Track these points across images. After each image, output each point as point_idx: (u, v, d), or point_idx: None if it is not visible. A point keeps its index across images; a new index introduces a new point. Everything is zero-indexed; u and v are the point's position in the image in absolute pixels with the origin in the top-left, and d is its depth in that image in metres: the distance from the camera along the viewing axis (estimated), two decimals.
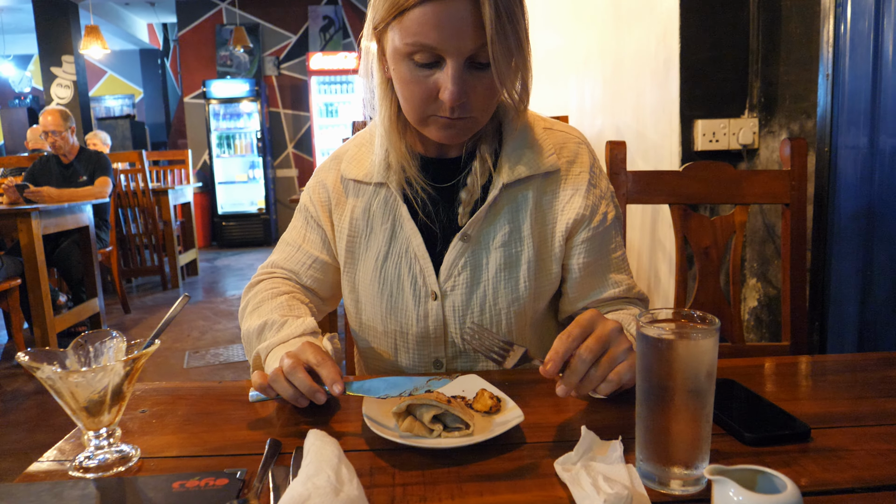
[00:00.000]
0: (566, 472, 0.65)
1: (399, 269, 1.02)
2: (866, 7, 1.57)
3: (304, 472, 0.61)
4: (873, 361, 1.00)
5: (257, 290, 1.08)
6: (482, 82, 0.89)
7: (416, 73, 0.88)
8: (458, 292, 1.00)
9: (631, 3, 2.31)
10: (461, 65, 0.86)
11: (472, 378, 0.89)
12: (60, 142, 4.20)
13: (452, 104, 0.88)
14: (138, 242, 5.54)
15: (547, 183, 1.03)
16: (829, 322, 1.78)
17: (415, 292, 1.02)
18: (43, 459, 0.74)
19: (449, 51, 0.85)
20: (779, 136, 1.90)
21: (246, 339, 1.03)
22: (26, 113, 10.00)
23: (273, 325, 0.99)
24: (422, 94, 0.90)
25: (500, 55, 0.85)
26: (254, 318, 1.02)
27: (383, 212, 1.04)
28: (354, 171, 1.05)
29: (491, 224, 1.01)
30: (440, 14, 0.83)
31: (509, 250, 1.00)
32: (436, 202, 1.03)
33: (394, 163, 1.00)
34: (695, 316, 0.67)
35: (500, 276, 1.00)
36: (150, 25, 10.87)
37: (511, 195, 1.01)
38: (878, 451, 0.70)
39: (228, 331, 4.26)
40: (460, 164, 1.03)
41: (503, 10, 0.84)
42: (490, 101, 0.93)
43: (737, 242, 1.41)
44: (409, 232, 1.02)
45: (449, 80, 0.86)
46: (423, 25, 0.84)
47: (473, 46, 0.85)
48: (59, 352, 0.74)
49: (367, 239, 1.05)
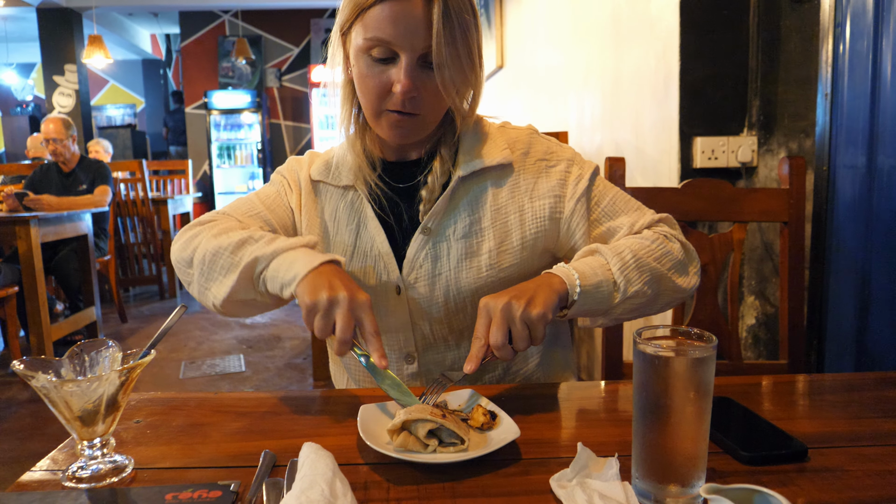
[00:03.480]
0: (562, 489, 0.64)
1: (364, 266, 1.05)
2: (865, 28, 1.59)
3: (299, 485, 0.61)
4: (871, 381, 1.00)
5: (216, 223, 1.01)
6: (433, 81, 0.95)
7: (372, 67, 0.95)
8: (420, 284, 1.03)
9: (631, 21, 2.33)
10: (413, 60, 0.93)
11: (468, 393, 0.89)
12: (61, 149, 4.20)
13: (403, 97, 0.93)
14: (136, 252, 5.54)
15: (504, 175, 1.05)
16: (826, 341, 1.77)
17: (379, 288, 1.05)
18: (36, 469, 0.74)
19: (403, 46, 0.92)
20: (777, 154, 1.91)
21: (210, 256, 0.94)
22: (28, 121, 10.04)
23: (262, 237, 0.93)
24: (376, 88, 0.95)
25: (446, 56, 0.92)
26: (222, 238, 0.95)
27: (349, 213, 1.07)
28: (323, 174, 1.09)
29: (450, 216, 1.04)
30: (397, 12, 0.91)
31: (469, 241, 1.03)
32: (397, 202, 1.06)
33: (353, 165, 1.05)
34: (692, 333, 0.67)
35: (462, 265, 1.02)
36: (153, 36, 10.94)
37: (467, 187, 1.04)
38: (876, 472, 0.70)
39: (225, 342, 4.25)
40: (419, 166, 1.07)
41: (453, 17, 0.91)
42: (440, 101, 0.98)
43: (735, 260, 1.41)
44: (372, 231, 1.05)
45: (401, 73, 0.93)
46: (381, 21, 0.91)
47: (425, 45, 0.92)
48: (54, 360, 0.74)
49: (333, 239, 1.08)
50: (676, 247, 1.00)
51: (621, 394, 0.99)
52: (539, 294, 0.86)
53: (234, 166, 8.68)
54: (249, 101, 8.50)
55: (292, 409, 0.90)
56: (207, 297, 0.96)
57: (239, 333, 4.41)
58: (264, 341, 4.23)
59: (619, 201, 1.07)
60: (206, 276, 0.95)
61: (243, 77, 8.89)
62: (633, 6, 2.29)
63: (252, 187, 8.62)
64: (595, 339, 2.93)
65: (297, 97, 8.98)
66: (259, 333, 4.41)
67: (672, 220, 1.07)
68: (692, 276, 1.01)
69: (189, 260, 0.98)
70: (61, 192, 4.24)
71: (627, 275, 0.92)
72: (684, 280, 0.99)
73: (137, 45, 10.15)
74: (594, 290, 0.90)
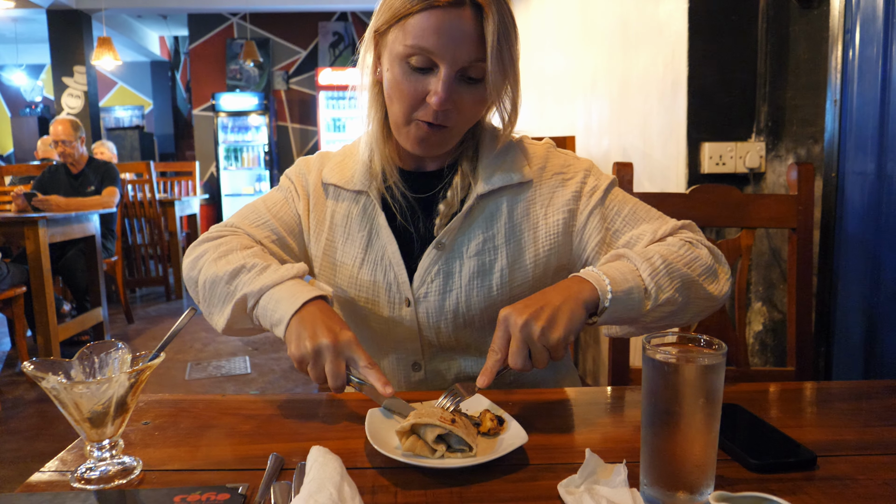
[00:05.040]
0: (570, 496, 0.64)
1: (374, 275, 1.04)
2: (875, 33, 1.58)
3: (307, 488, 0.61)
4: (880, 389, 0.99)
5: (221, 242, 1.02)
6: (469, 96, 0.94)
7: (409, 75, 0.93)
8: (431, 299, 1.02)
9: (639, 26, 2.33)
10: (453, 73, 0.91)
11: (476, 398, 0.88)
12: (70, 151, 4.22)
13: (438, 108, 0.92)
14: (143, 253, 5.56)
15: (521, 192, 1.04)
16: (834, 348, 1.77)
17: (389, 298, 1.04)
18: (45, 470, 0.74)
19: (445, 58, 0.90)
20: (786, 160, 1.90)
21: (210, 284, 0.96)
22: (37, 122, 10.09)
23: (254, 267, 0.94)
24: (411, 95, 0.93)
25: (496, 71, 0.91)
26: (220, 264, 0.96)
27: (361, 219, 1.06)
28: (336, 177, 1.08)
29: (465, 233, 1.03)
30: (442, 22, 0.88)
31: (482, 259, 1.02)
32: (413, 212, 1.05)
33: (376, 167, 1.04)
34: (701, 340, 0.67)
35: (473, 283, 1.01)
36: (162, 38, 10.98)
37: (484, 205, 1.03)
38: (885, 481, 0.69)
39: (231, 343, 4.26)
40: (437, 177, 1.05)
41: (501, 31, 0.90)
42: (472, 116, 0.98)
43: (742, 266, 1.41)
44: (385, 239, 1.04)
45: (439, 85, 0.91)
46: (425, 30, 0.89)
47: (468, 59, 0.90)
48: (64, 362, 0.74)
49: (343, 245, 1.07)
50: (704, 252, 0.97)
51: (629, 400, 0.98)
52: (563, 312, 0.83)
53: (240, 168, 8.70)
54: (257, 104, 8.53)
55: (300, 412, 0.91)
56: (212, 322, 0.99)
57: None
58: (270, 343, 4.24)
59: (639, 210, 1.04)
60: (208, 302, 0.98)
61: (251, 79, 8.92)
62: (642, 11, 2.29)
63: (259, 189, 8.64)
64: (601, 344, 2.93)
65: (305, 100, 9.00)
66: (265, 335, 4.42)
67: (695, 227, 1.04)
68: (724, 282, 0.97)
69: (195, 281, 1.00)
70: (70, 193, 4.26)
71: (658, 280, 0.89)
72: (716, 286, 0.95)
73: (146, 46, 10.20)
74: (625, 296, 0.87)
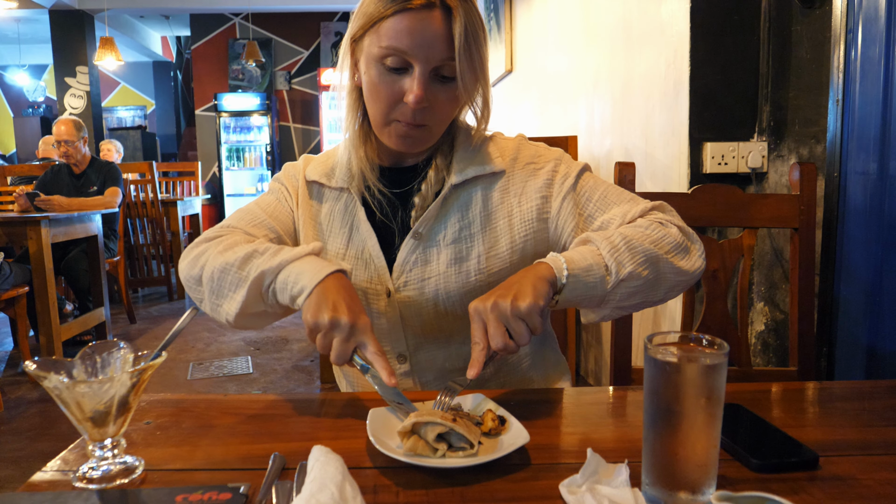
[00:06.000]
0: (571, 495, 0.64)
1: (356, 269, 1.08)
2: (877, 33, 1.58)
3: (308, 488, 0.61)
4: (882, 389, 0.99)
5: (222, 238, 1.02)
6: (444, 94, 0.98)
7: (385, 76, 0.97)
8: (410, 287, 1.05)
9: (641, 25, 2.32)
10: (427, 72, 0.95)
11: (477, 397, 0.89)
12: (73, 151, 4.23)
13: (415, 106, 0.95)
14: (146, 253, 5.57)
15: (494, 181, 1.08)
16: (836, 348, 1.76)
17: (371, 290, 1.07)
18: (47, 469, 0.74)
19: (418, 57, 0.94)
20: (788, 160, 1.90)
21: (219, 273, 0.95)
22: (39, 122, 10.11)
23: (268, 250, 0.95)
24: (388, 96, 0.97)
25: (466, 69, 0.96)
26: (228, 255, 0.96)
27: (343, 215, 1.10)
28: (319, 174, 1.11)
29: (441, 222, 1.06)
30: (414, 24, 0.93)
31: (459, 246, 1.05)
32: (392, 206, 1.09)
33: (355, 168, 1.07)
34: (703, 340, 0.67)
35: (451, 269, 1.04)
36: (164, 38, 11.00)
37: (459, 194, 1.07)
38: (888, 481, 0.69)
39: (233, 343, 4.26)
40: (415, 172, 1.10)
41: (469, 32, 0.95)
42: (448, 113, 1.02)
43: (745, 266, 1.41)
44: (364, 234, 1.07)
45: (415, 83, 0.95)
46: (399, 32, 0.93)
47: (440, 57, 0.94)
48: (66, 361, 0.74)
49: (328, 241, 1.10)
50: (674, 231, 0.98)
51: (630, 399, 0.98)
52: (524, 285, 0.86)
53: (243, 168, 8.71)
54: (259, 104, 8.54)
55: (302, 412, 0.91)
56: (220, 314, 0.98)
57: (246, 335, 4.42)
58: (272, 343, 4.24)
59: (610, 194, 1.06)
60: (217, 293, 0.97)
61: (253, 80, 8.93)
62: (644, 11, 2.29)
63: (261, 189, 8.65)
64: (604, 344, 2.93)
65: (307, 100, 9.01)
66: (267, 335, 4.42)
67: (667, 207, 1.05)
68: (696, 258, 0.98)
69: (198, 278, 0.99)
70: (72, 193, 4.27)
71: (618, 257, 0.91)
72: (686, 262, 0.97)
73: (148, 47, 10.22)
74: (584, 273, 0.89)
